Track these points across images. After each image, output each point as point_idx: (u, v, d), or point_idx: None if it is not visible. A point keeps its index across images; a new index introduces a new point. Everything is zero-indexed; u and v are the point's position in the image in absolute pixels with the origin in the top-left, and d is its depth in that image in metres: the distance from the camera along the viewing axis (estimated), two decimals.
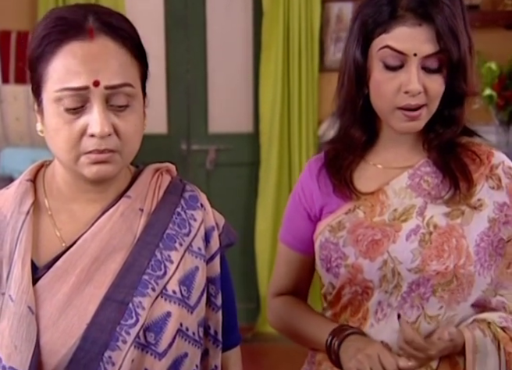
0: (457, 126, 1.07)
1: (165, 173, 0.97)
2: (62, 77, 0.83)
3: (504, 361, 1.02)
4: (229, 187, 3.16)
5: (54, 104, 0.84)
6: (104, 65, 0.84)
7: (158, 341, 0.87)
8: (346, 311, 1.09)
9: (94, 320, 0.85)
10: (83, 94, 0.83)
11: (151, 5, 3.09)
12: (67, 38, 0.84)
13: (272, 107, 3.00)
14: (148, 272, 0.88)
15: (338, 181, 1.09)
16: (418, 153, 1.09)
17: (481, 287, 1.05)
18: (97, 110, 0.83)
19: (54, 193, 0.92)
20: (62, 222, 0.91)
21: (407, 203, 1.06)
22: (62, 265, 0.87)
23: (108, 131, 0.84)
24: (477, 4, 2.93)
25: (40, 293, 0.86)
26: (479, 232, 1.04)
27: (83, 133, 0.84)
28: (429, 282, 1.02)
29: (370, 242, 1.04)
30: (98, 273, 0.87)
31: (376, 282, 1.04)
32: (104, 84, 0.83)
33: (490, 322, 1.03)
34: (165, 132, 3.16)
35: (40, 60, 0.85)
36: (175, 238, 0.91)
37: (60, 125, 0.84)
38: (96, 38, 0.84)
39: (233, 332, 1.01)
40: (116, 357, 0.84)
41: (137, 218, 0.91)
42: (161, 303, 0.88)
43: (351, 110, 1.08)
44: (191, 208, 0.94)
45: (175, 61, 3.10)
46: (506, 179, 1.07)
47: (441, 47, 0.99)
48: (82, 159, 0.86)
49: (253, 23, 3.12)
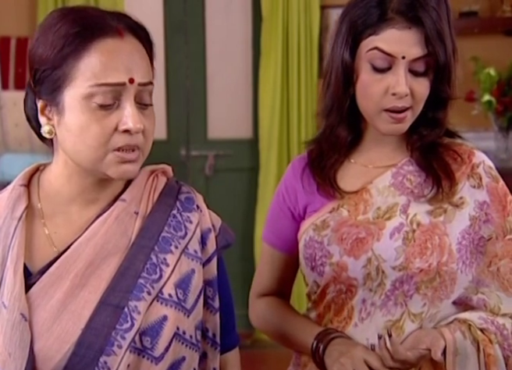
0: (440, 129, 1.08)
1: (160, 175, 0.96)
2: (98, 73, 0.83)
3: (483, 363, 1.02)
4: (228, 193, 3.16)
5: (83, 101, 0.84)
6: (136, 63, 0.85)
7: (155, 345, 0.86)
8: (329, 311, 1.09)
9: (89, 325, 0.84)
10: (118, 91, 0.84)
11: (151, 11, 3.09)
12: (100, 35, 0.84)
13: (272, 112, 3.01)
14: (144, 276, 0.88)
15: (322, 180, 1.10)
16: (401, 153, 1.10)
17: (463, 285, 1.06)
18: (131, 106, 0.84)
19: (51, 196, 0.91)
20: (56, 225, 0.90)
21: (391, 201, 1.07)
22: (55, 270, 0.86)
23: (141, 127, 0.85)
24: (475, 10, 2.93)
25: (33, 299, 0.85)
26: (461, 229, 1.05)
27: (115, 129, 0.84)
28: (413, 279, 1.03)
29: (354, 240, 1.05)
30: (93, 278, 0.87)
31: (360, 280, 1.04)
32: (138, 81, 0.85)
33: (471, 324, 1.04)
34: (165, 137, 3.16)
35: (69, 57, 0.84)
36: (170, 241, 0.91)
37: (91, 121, 0.84)
38: (125, 37, 0.85)
39: (232, 334, 1.01)
40: (112, 362, 0.84)
41: (132, 221, 0.90)
42: (157, 307, 0.87)
43: (337, 110, 1.08)
44: (187, 210, 0.94)
45: (174, 67, 3.11)
46: (487, 178, 1.09)
47: (429, 50, 1.00)
48: (110, 157, 0.85)
49: (252, 29, 3.13)
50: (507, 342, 1.04)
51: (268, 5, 2.96)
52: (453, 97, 1.06)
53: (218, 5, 3.13)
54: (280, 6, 2.94)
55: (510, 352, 1.04)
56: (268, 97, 3.00)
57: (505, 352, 1.03)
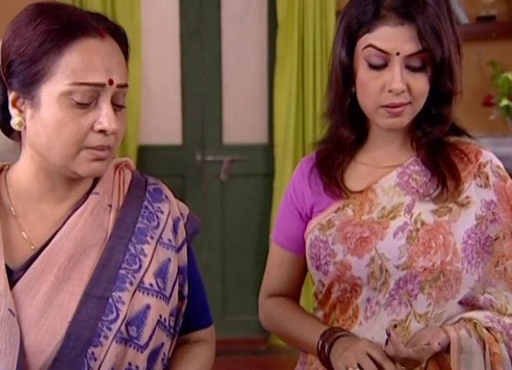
0: (445, 125, 1.08)
1: (125, 168, 0.98)
2: (78, 72, 0.83)
3: (489, 362, 1.01)
4: (243, 198, 3.16)
5: (61, 98, 0.84)
6: (115, 64, 0.86)
7: (140, 334, 0.88)
8: (335, 310, 1.09)
9: (76, 317, 0.85)
10: (96, 91, 0.84)
11: (167, 17, 3.11)
12: (82, 34, 0.84)
13: (287, 118, 3.00)
14: (124, 267, 0.89)
15: (328, 180, 1.10)
16: (407, 152, 1.10)
17: (468, 284, 1.05)
18: (108, 108, 0.85)
19: (21, 194, 0.91)
20: (30, 223, 0.90)
21: (396, 201, 1.07)
22: (38, 265, 0.87)
23: (117, 128, 0.86)
24: (493, 14, 2.91)
25: (18, 295, 0.85)
26: (466, 229, 1.04)
27: (91, 128, 0.85)
28: (416, 278, 1.03)
29: (358, 239, 1.05)
30: (75, 271, 0.88)
31: (364, 279, 1.04)
32: (117, 83, 0.86)
33: (476, 323, 1.03)
34: (180, 143, 3.16)
35: (50, 53, 0.84)
36: (145, 231, 0.92)
37: (68, 119, 0.84)
38: (106, 38, 0.86)
39: (205, 315, 1.04)
40: (99, 352, 0.85)
41: (107, 214, 0.92)
42: (139, 296, 0.89)
43: (339, 110, 1.09)
44: (157, 201, 0.96)
45: (190, 72, 3.11)
46: (494, 177, 1.08)
47: (423, 46, 1.00)
48: (83, 154, 0.86)
49: (268, 35, 3.13)
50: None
51: (284, 11, 2.96)
52: (455, 92, 1.05)
53: (233, 11, 3.14)
54: (296, 12, 2.94)
55: None
56: (284, 102, 2.99)
57: (510, 352, 1.02)
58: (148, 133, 3.07)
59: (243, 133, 3.21)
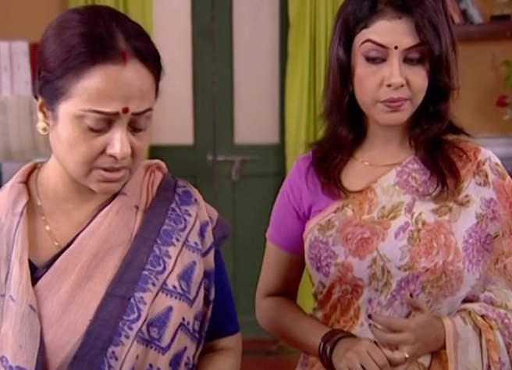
0: (443, 122, 1.07)
1: (156, 170, 0.97)
2: (93, 99, 0.82)
3: (486, 350, 1.01)
4: (254, 198, 3.16)
5: (75, 120, 0.84)
6: (135, 91, 0.84)
7: (162, 336, 0.88)
8: (335, 311, 1.08)
9: (97, 316, 0.86)
10: (110, 119, 0.84)
11: (178, 17, 3.12)
12: (102, 59, 0.82)
13: (298, 118, 3.00)
14: (148, 268, 0.89)
15: (326, 180, 1.10)
16: (406, 150, 1.09)
17: (470, 283, 1.04)
18: (121, 134, 0.84)
19: (49, 193, 0.92)
20: (56, 222, 0.91)
21: (395, 200, 1.06)
22: (61, 263, 0.88)
23: (128, 153, 0.85)
24: (508, 14, 2.89)
25: (41, 292, 0.86)
26: (467, 228, 1.04)
27: (102, 151, 0.85)
28: (418, 279, 1.02)
29: (359, 240, 1.04)
30: (98, 270, 0.88)
31: (366, 280, 1.04)
32: (133, 111, 0.84)
33: (471, 311, 1.03)
34: (192, 143, 3.18)
35: (70, 73, 0.83)
36: (171, 234, 0.92)
37: (80, 140, 0.84)
38: (129, 63, 0.83)
39: (233, 321, 1.03)
40: (120, 352, 0.85)
41: (133, 214, 0.92)
42: (162, 298, 0.89)
43: (337, 109, 1.09)
44: (185, 204, 0.95)
45: (202, 73, 3.13)
46: (493, 175, 1.07)
47: (421, 39, 1.00)
48: (94, 173, 0.86)
49: (279, 36, 3.13)
50: (508, 330, 1.03)
51: (296, 11, 2.96)
52: (452, 88, 1.05)
53: (245, 12, 3.15)
54: (308, 12, 2.93)
55: (511, 340, 1.03)
56: (295, 102, 2.99)
57: (505, 339, 1.02)
58: (160, 133, 3.08)
59: (254, 133, 3.21)
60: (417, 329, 0.99)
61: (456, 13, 2.85)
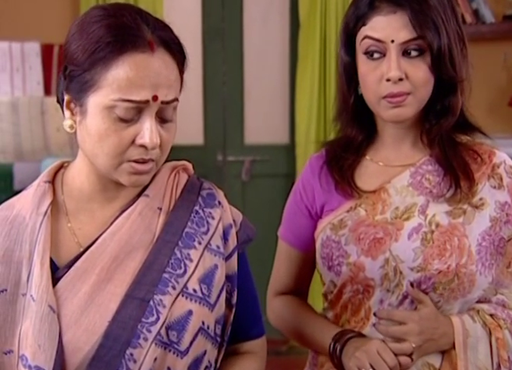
0: (453, 116, 1.06)
1: (182, 172, 0.97)
2: (123, 87, 0.83)
3: (495, 348, 1.01)
4: (264, 198, 3.17)
5: (105, 111, 0.84)
6: (163, 80, 0.84)
7: (181, 339, 0.87)
8: (346, 311, 1.08)
9: (116, 317, 0.86)
10: (140, 107, 0.84)
11: (189, 18, 3.13)
12: (130, 48, 0.83)
13: (308, 118, 3.00)
14: (168, 271, 0.89)
15: (340, 178, 1.09)
16: (420, 151, 1.09)
17: (482, 287, 1.04)
18: (151, 123, 0.85)
19: (74, 193, 0.93)
20: (80, 222, 0.92)
21: (409, 201, 1.06)
22: (82, 264, 0.88)
23: (158, 143, 0.85)
24: None
25: (61, 292, 0.87)
26: (481, 231, 1.03)
27: (132, 141, 0.85)
28: (431, 280, 1.02)
29: (372, 240, 1.04)
30: (118, 272, 0.88)
31: (378, 280, 1.03)
32: (162, 99, 0.85)
33: (479, 310, 1.04)
34: (202, 143, 3.19)
35: (98, 65, 0.84)
36: (194, 236, 0.92)
37: (110, 131, 0.85)
38: (156, 51, 0.84)
39: (258, 325, 1.02)
40: (138, 354, 0.85)
41: (156, 216, 0.91)
42: (182, 301, 0.88)
43: (345, 110, 1.10)
44: (209, 206, 0.94)
45: (212, 73, 3.14)
46: (508, 178, 1.07)
47: (418, 33, 1.00)
48: (124, 166, 0.86)
49: (289, 35, 3.14)
50: None
51: (306, 12, 2.96)
52: (459, 80, 1.04)
53: (255, 12, 3.15)
54: (318, 12, 2.94)
55: None
56: (305, 102, 2.99)
57: None
58: None
59: (264, 133, 3.22)
60: (420, 320, 1.00)
61: (468, 13, 2.84)
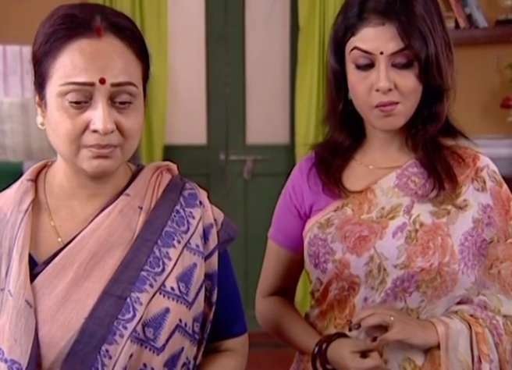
0: (438, 122, 1.08)
1: (165, 172, 0.98)
2: (68, 72, 0.84)
3: (475, 342, 1.03)
4: (265, 196, 3.20)
5: (58, 99, 0.85)
6: (111, 63, 0.84)
7: (157, 336, 0.87)
8: (332, 309, 1.10)
9: (92, 314, 0.86)
10: (89, 90, 0.84)
11: (193, 22, 3.17)
12: (75, 35, 0.84)
13: (308, 119, 3.04)
14: (146, 269, 0.89)
15: (327, 179, 1.11)
16: (406, 154, 1.11)
17: (464, 286, 1.06)
18: (102, 107, 0.84)
19: (55, 190, 0.93)
20: (61, 219, 0.92)
21: (395, 202, 1.07)
22: (60, 260, 0.88)
23: (111, 128, 0.84)
24: None
25: (39, 288, 0.87)
26: (464, 231, 1.06)
27: (85, 127, 0.85)
28: (413, 278, 1.04)
29: (357, 238, 1.06)
30: (97, 268, 0.88)
31: (362, 277, 1.05)
32: (111, 82, 0.84)
33: (457, 311, 1.06)
34: (205, 143, 3.23)
35: (48, 55, 0.85)
36: (173, 235, 0.92)
37: (63, 118, 0.85)
38: (104, 37, 0.85)
39: (238, 323, 1.02)
40: (113, 350, 0.85)
41: (136, 215, 0.92)
42: (159, 299, 0.89)
43: (334, 115, 1.11)
44: (190, 206, 0.95)
45: (215, 75, 3.18)
46: (491, 182, 1.10)
47: (405, 44, 1.01)
48: (83, 152, 0.86)
49: (290, 39, 3.18)
50: (496, 331, 1.04)
51: (305, 16, 3.00)
52: (446, 88, 1.06)
53: (257, 17, 3.19)
54: (317, 17, 2.98)
55: (499, 340, 1.04)
56: (305, 104, 3.03)
57: (494, 339, 1.04)
58: (174, 134, 3.14)
59: (265, 133, 3.26)
60: (389, 308, 1.03)
61: (461, 18, 2.89)
